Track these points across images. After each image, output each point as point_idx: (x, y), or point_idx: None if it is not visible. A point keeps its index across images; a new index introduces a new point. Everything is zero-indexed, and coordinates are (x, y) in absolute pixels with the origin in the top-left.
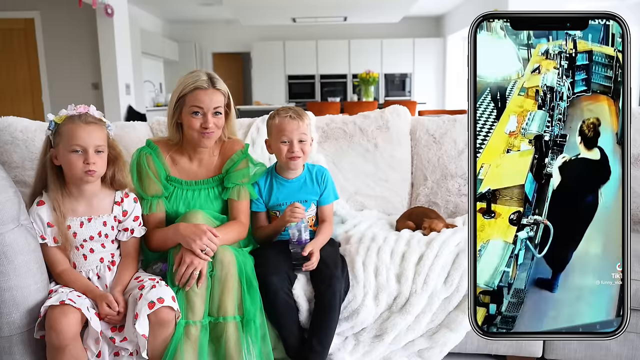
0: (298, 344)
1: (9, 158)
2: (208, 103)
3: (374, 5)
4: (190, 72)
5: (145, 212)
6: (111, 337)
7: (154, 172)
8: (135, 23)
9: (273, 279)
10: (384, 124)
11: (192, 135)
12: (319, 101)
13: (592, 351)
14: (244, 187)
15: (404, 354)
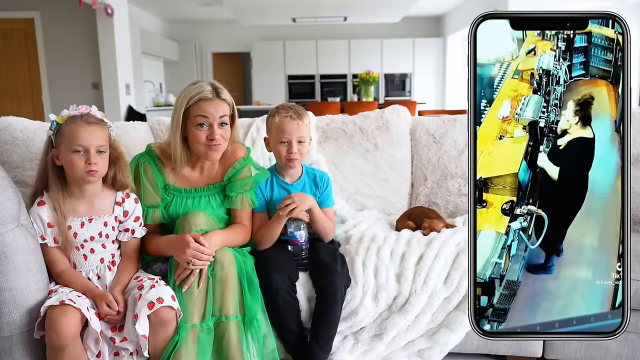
0: (299, 342)
1: (9, 158)
2: (214, 113)
3: (374, 5)
4: (192, 83)
5: (142, 222)
6: (111, 337)
7: (151, 182)
8: (135, 23)
9: (274, 277)
10: (384, 124)
11: (199, 150)
12: (319, 101)
13: (592, 351)
14: (247, 195)
15: (404, 354)
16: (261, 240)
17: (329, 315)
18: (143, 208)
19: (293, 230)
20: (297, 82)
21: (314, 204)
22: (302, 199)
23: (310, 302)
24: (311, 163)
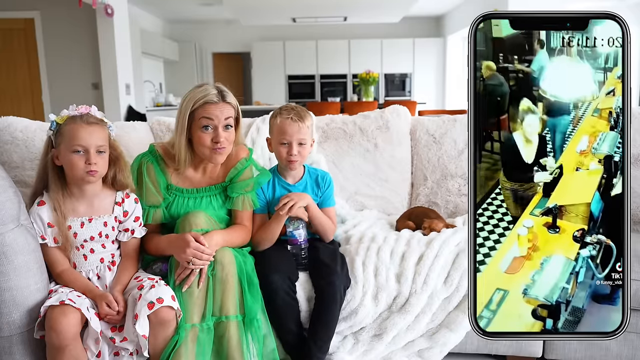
0: (298, 342)
1: (9, 158)
2: (219, 115)
3: (374, 5)
4: (198, 86)
5: (142, 221)
6: (111, 337)
7: (154, 182)
8: (135, 23)
9: (273, 277)
10: (384, 124)
11: (204, 152)
12: (319, 101)
13: (592, 351)
14: (248, 196)
15: (404, 354)
16: (260, 240)
17: (328, 315)
18: (144, 207)
19: (292, 229)
20: (297, 82)
21: (312, 202)
22: (299, 196)
23: (310, 303)
24: (311, 163)
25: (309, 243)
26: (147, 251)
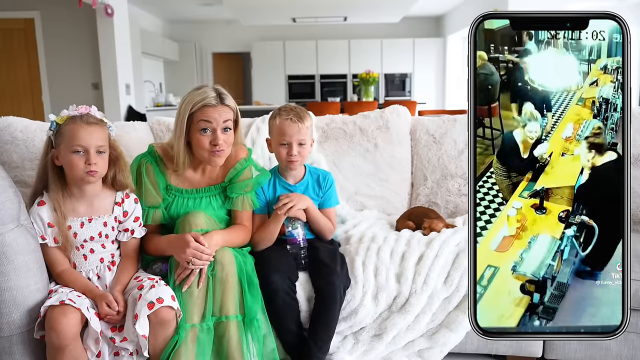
0: (298, 342)
1: (9, 158)
2: (217, 118)
3: (374, 5)
4: (196, 89)
5: (142, 221)
6: (111, 337)
7: (153, 183)
8: (135, 23)
9: (273, 277)
10: (384, 124)
11: (202, 155)
12: (319, 101)
13: (592, 351)
14: (247, 196)
15: (404, 354)
16: (260, 240)
17: (327, 315)
18: (144, 208)
19: (291, 229)
20: (297, 82)
21: (311, 205)
22: (298, 198)
23: (310, 303)
24: (311, 163)
25: (308, 243)
26: (147, 251)
